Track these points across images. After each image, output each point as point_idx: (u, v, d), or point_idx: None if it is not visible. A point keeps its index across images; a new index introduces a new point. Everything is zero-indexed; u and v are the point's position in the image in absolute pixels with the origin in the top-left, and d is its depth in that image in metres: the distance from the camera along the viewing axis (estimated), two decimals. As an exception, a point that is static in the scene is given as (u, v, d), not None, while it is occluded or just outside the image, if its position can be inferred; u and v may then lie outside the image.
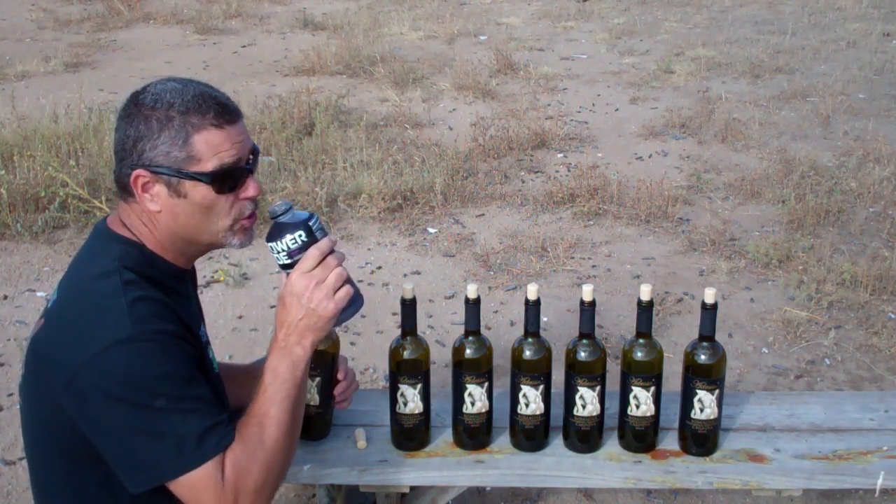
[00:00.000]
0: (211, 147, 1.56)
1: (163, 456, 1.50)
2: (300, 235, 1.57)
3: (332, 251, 1.59)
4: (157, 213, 1.61)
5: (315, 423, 1.98)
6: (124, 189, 1.62)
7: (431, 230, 4.70)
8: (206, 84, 1.64)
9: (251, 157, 1.65)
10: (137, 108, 1.58)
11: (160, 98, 1.57)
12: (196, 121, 1.56)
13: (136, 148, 1.57)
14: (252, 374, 2.02)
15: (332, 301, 1.56)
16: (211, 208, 1.60)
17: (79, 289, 1.60)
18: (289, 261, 1.58)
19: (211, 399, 1.57)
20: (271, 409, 1.57)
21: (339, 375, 1.99)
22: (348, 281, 1.60)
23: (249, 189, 1.63)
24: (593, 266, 4.33)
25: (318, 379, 1.94)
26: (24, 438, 1.74)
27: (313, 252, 1.57)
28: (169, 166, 1.56)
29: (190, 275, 1.81)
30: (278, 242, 1.58)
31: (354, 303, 1.61)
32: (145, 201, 1.60)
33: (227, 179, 1.59)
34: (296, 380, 1.60)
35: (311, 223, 1.58)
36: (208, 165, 1.56)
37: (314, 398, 1.94)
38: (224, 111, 1.59)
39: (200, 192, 1.58)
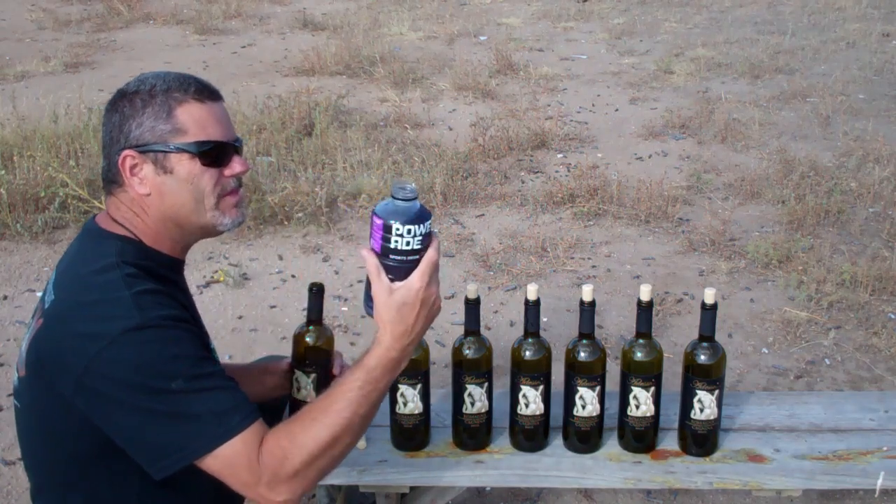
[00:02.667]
0: (194, 119, 1.60)
1: (185, 437, 1.50)
2: (429, 224, 1.51)
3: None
4: (146, 197, 1.62)
5: None
6: (113, 180, 1.64)
7: (431, 230, 4.69)
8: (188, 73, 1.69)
9: (237, 138, 1.67)
10: (121, 95, 1.63)
11: (143, 82, 1.62)
12: (178, 95, 1.60)
13: (122, 131, 1.60)
14: (249, 375, 2.02)
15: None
16: (196, 184, 1.61)
17: (79, 286, 1.59)
18: (419, 247, 1.50)
19: (225, 377, 1.57)
20: (347, 408, 1.53)
21: (335, 371, 1.99)
22: None
23: (236, 165, 1.65)
24: (593, 266, 4.33)
25: (313, 376, 1.93)
26: (22, 441, 1.72)
27: (435, 256, 1.53)
28: (155, 141, 1.59)
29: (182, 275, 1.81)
30: (418, 226, 1.49)
31: None
32: (134, 184, 1.61)
33: (214, 153, 1.62)
34: (387, 388, 1.59)
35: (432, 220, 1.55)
36: (193, 137, 1.59)
37: (310, 395, 1.94)
38: (204, 89, 1.63)
39: (186, 166, 1.60)
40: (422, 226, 1.49)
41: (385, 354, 1.56)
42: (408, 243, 1.49)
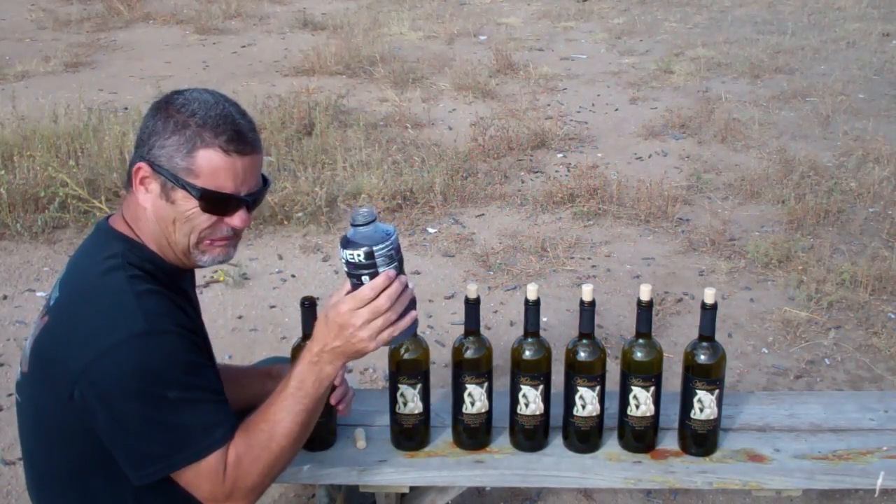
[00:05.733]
0: (210, 167, 1.58)
1: (172, 448, 1.53)
2: (358, 255, 1.56)
3: (390, 285, 1.56)
4: (144, 210, 1.63)
5: (319, 433, 1.96)
6: (129, 179, 1.66)
7: (431, 230, 4.70)
8: (241, 111, 1.64)
9: (254, 191, 1.64)
10: (167, 104, 1.61)
11: (188, 104, 1.59)
12: (207, 137, 1.57)
13: (149, 141, 1.60)
14: (251, 377, 2.02)
15: (374, 342, 1.58)
16: (190, 222, 1.61)
17: (84, 285, 1.61)
18: (346, 269, 1.59)
19: (218, 389, 1.60)
20: (286, 418, 1.59)
21: (336, 382, 1.99)
22: (409, 307, 1.61)
23: (236, 219, 1.63)
24: (593, 266, 4.33)
25: None
26: (23, 437, 1.73)
27: (367, 292, 1.56)
28: (168, 169, 1.58)
29: (189, 276, 1.81)
30: (342, 250, 1.58)
31: (405, 332, 1.63)
32: (139, 194, 1.63)
33: (215, 203, 1.60)
34: (317, 395, 1.62)
35: (376, 248, 1.55)
36: (202, 183, 1.57)
37: None
38: (237, 140, 1.59)
39: (187, 204, 1.59)
40: (345, 252, 1.57)
41: (308, 357, 1.61)
42: (342, 262, 1.59)
